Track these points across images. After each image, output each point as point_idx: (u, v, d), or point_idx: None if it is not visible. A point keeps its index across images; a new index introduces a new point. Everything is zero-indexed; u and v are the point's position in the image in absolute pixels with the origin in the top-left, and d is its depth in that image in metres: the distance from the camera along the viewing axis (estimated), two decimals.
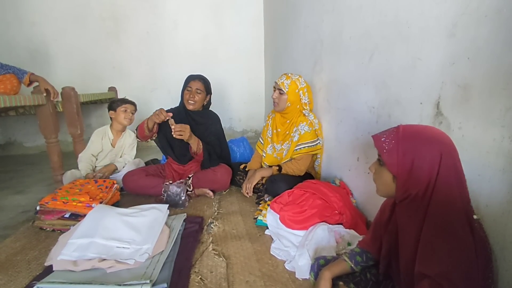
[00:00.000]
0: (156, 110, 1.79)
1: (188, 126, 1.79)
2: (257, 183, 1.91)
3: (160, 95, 3.48)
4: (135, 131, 2.01)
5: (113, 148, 2.23)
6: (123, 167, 2.20)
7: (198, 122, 2.01)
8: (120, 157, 2.26)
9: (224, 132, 2.25)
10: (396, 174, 0.75)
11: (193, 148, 1.89)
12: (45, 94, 2.00)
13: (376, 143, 0.79)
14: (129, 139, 2.29)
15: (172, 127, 1.74)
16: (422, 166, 0.71)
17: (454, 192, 0.71)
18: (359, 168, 1.56)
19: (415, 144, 0.72)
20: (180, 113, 1.99)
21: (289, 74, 1.84)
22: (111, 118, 2.23)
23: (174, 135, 1.75)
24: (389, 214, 0.88)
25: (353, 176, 1.64)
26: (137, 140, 2.20)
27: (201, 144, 1.91)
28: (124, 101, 2.22)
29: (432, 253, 0.71)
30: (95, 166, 2.17)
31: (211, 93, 2.03)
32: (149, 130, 1.88)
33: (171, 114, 1.77)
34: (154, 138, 2.00)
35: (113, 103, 2.21)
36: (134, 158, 2.33)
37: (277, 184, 1.71)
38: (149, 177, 1.93)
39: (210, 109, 2.10)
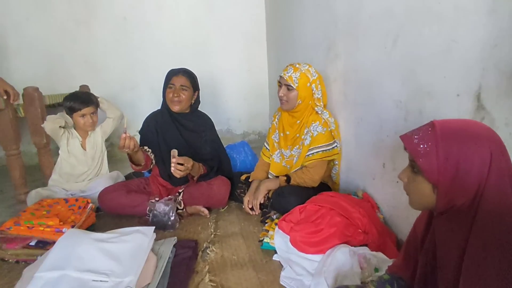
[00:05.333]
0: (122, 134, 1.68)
1: (190, 161, 1.80)
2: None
3: (142, 94, 3.51)
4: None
5: (85, 151, 2.27)
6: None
7: (188, 128, 2.03)
8: (99, 164, 2.30)
9: (221, 136, 2.26)
10: (437, 183, 0.74)
11: (194, 174, 1.93)
12: (5, 97, 2.04)
13: (407, 145, 0.78)
14: (99, 131, 2.34)
15: (173, 160, 1.72)
16: (470, 171, 0.71)
17: (507, 200, 0.70)
18: (386, 176, 1.55)
19: (459, 144, 0.71)
20: (164, 118, 2.01)
21: (296, 65, 1.85)
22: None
23: (172, 172, 1.73)
24: (425, 230, 0.88)
25: (378, 186, 1.63)
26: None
27: (202, 168, 1.95)
28: (77, 100, 2.17)
29: (479, 276, 0.70)
30: (71, 179, 2.21)
31: (198, 89, 2.05)
32: (134, 163, 1.88)
33: (126, 135, 1.66)
34: (152, 163, 2.01)
35: (66, 105, 2.19)
36: (111, 171, 2.36)
37: (286, 198, 1.72)
38: (130, 194, 1.95)
39: (199, 109, 2.12)
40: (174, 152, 1.72)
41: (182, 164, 1.74)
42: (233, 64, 3.68)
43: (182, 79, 1.93)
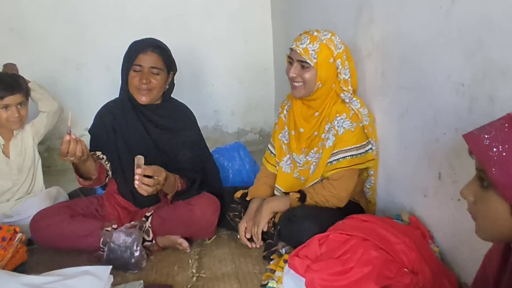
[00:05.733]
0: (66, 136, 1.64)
1: (163, 172, 1.76)
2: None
3: (93, 75, 3.51)
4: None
5: (8, 158, 2.28)
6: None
7: (159, 125, 2.03)
8: (29, 177, 2.32)
9: (206, 136, 2.25)
10: None
11: (167, 191, 1.90)
12: None
13: (474, 148, 0.79)
14: (29, 131, 2.36)
15: (137, 171, 1.66)
16: None
17: None
18: (443, 191, 1.55)
19: None
20: (125, 111, 2.00)
21: (314, 33, 1.84)
22: None
23: (137, 188, 1.69)
24: (500, 269, 0.88)
25: (432, 206, 1.63)
26: None
27: (179, 181, 1.93)
28: None
29: None
30: None
31: (174, 70, 2.05)
32: (82, 176, 1.87)
33: (71, 136, 1.62)
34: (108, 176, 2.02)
35: None
36: (48, 187, 2.37)
37: (299, 224, 1.71)
38: (77, 219, 1.94)
39: (174, 97, 2.12)
40: (139, 159, 1.71)
41: (150, 177, 1.73)
42: (222, 33, 3.68)
43: (153, 58, 1.91)
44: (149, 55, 1.91)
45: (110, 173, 2.01)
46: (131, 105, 1.99)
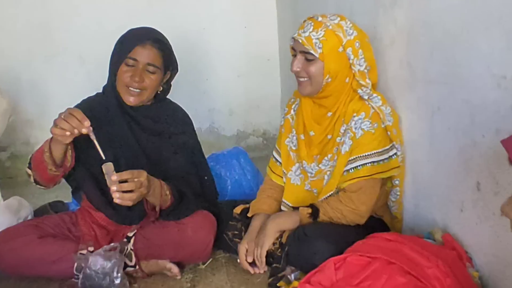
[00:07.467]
0: (62, 113, 1.67)
1: (143, 173, 1.71)
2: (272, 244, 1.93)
3: (64, 68, 3.51)
4: (28, 167, 1.98)
5: None
6: None
7: (149, 130, 2.04)
8: None
9: (199, 139, 2.25)
10: None
11: (154, 202, 1.87)
12: None
13: None
14: None
15: (113, 179, 1.60)
16: None
17: None
18: (482, 204, 1.55)
19: None
20: (109, 111, 2.01)
21: (319, 18, 1.84)
22: None
23: (118, 202, 1.64)
24: None
25: (470, 223, 1.63)
26: None
27: (167, 190, 1.89)
28: None
29: None
30: None
31: (171, 68, 2.06)
32: (55, 163, 1.84)
33: (88, 123, 1.66)
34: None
35: None
36: (10, 197, 2.38)
37: (311, 244, 1.72)
38: (46, 241, 1.94)
39: (168, 97, 2.14)
40: (107, 166, 1.64)
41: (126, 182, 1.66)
42: (219, 17, 3.70)
43: (152, 53, 1.92)
44: (148, 48, 1.91)
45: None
46: (117, 104, 1.99)
